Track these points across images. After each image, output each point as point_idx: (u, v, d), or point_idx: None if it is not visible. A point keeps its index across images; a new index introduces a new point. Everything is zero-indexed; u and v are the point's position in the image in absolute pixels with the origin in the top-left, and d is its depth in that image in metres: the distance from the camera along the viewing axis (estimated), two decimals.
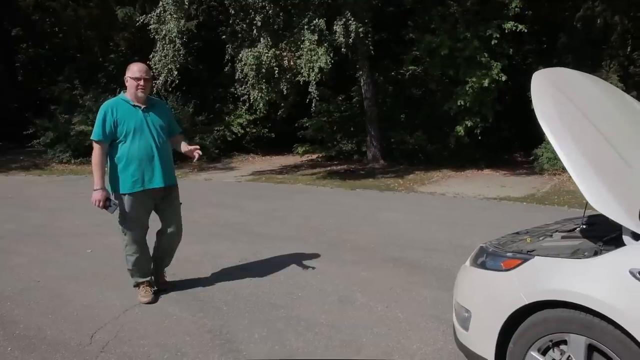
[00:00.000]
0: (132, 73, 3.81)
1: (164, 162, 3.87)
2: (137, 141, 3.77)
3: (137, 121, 3.79)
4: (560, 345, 2.20)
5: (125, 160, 3.74)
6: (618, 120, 2.59)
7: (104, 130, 3.71)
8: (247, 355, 3.07)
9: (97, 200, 3.71)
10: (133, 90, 3.82)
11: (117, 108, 3.77)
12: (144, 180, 3.78)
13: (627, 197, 2.10)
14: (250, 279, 4.50)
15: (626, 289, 1.95)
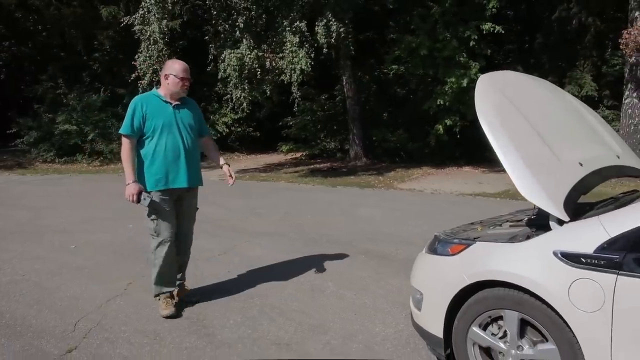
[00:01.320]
0: (176, 72, 3.64)
1: (191, 161, 3.71)
2: (165, 138, 3.62)
3: (167, 118, 3.64)
4: (498, 320, 2.46)
5: (152, 156, 3.61)
6: (555, 119, 2.86)
7: (132, 125, 3.57)
8: (221, 340, 3.28)
9: (131, 194, 3.52)
10: (175, 89, 3.66)
11: (148, 103, 3.63)
12: (167, 179, 3.62)
13: (554, 188, 2.36)
14: (228, 270, 4.72)
15: (550, 268, 2.21)
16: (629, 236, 2.03)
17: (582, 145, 2.78)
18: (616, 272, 2.02)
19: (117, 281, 4.43)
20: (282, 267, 4.80)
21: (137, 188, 3.54)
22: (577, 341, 2.13)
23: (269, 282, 4.37)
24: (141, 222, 4.27)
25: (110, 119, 16.72)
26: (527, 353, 2.34)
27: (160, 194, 3.61)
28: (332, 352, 3.08)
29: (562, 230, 2.29)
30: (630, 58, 10.84)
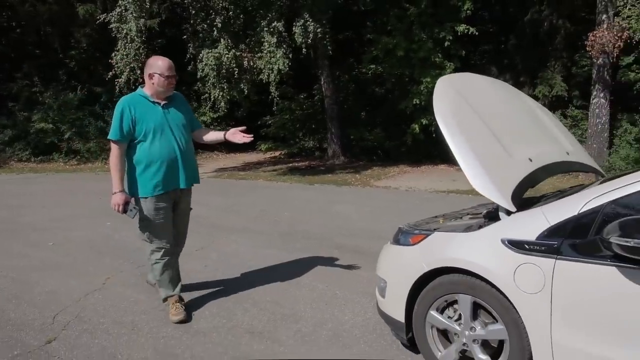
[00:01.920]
0: (160, 70, 3.44)
1: (187, 162, 3.59)
2: (158, 141, 3.45)
3: (157, 119, 3.46)
4: (453, 304, 2.66)
5: (146, 161, 3.43)
6: (509, 118, 3.07)
7: (121, 129, 3.38)
8: (196, 329, 3.43)
9: (117, 204, 3.39)
10: (161, 88, 3.47)
11: (136, 105, 3.43)
12: (164, 183, 3.48)
13: (503, 182, 2.56)
14: (205, 265, 4.86)
15: (498, 254, 2.41)
16: (566, 224, 2.24)
17: (533, 143, 2.99)
18: (555, 257, 2.22)
19: (95, 276, 4.53)
20: (257, 262, 4.95)
21: (123, 198, 3.39)
22: (522, 321, 2.34)
23: (244, 275, 4.53)
24: (119, 220, 4.38)
25: (87, 117, 16.61)
26: (479, 333, 2.54)
27: (156, 200, 3.47)
28: (302, 338, 3.25)
29: (509, 220, 2.50)
30: (597, 60, 11.23)
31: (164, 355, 3.06)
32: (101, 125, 16.29)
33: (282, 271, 4.62)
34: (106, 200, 3.66)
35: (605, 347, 2.11)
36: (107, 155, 15.88)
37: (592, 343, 2.14)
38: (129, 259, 5.05)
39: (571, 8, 13.52)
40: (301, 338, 3.27)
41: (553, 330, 2.24)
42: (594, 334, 2.14)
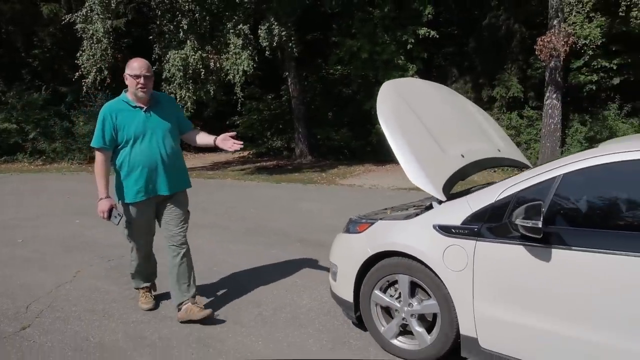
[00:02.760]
0: (131, 70, 3.39)
1: (171, 168, 3.51)
2: (139, 147, 3.41)
3: (139, 125, 3.40)
4: (394, 284, 3.00)
5: (127, 167, 3.42)
6: (447, 119, 3.43)
7: (103, 137, 3.38)
8: (164, 314, 3.68)
9: (102, 210, 3.38)
10: (133, 89, 3.41)
11: (117, 111, 3.39)
12: (147, 189, 3.45)
13: (436, 175, 2.92)
14: None
15: (430, 238, 2.77)
16: (485, 211, 2.61)
17: (466, 141, 3.37)
18: (475, 239, 2.59)
19: (65, 270, 4.72)
20: (223, 255, 5.22)
21: (108, 205, 3.38)
22: (450, 295, 2.70)
23: (210, 267, 4.79)
24: (88, 218, 4.57)
25: (52, 117, 16.46)
26: (416, 309, 2.89)
27: (137, 205, 3.48)
28: (263, 320, 3.55)
29: (440, 208, 2.86)
30: (549, 62, 11.86)
31: (134, 338, 3.31)
32: (67, 126, 16.18)
33: (246, 263, 4.90)
34: (74, 199, 3.88)
35: (518, 314, 2.47)
36: (73, 156, 15.85)
37: (507, 311, 2.51)
38: (99, 254, 5.25)
39: (526, 13, 14.17)
40: (262, 320, 3.56)
41: (475, 303, 2.60)
42: (508, 304, 2.50)
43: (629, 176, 2.27)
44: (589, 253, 2.24)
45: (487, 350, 2.60)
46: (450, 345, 2.76)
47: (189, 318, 3.47)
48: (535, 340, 2.42)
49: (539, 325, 2.39)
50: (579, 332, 2.27)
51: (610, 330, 2.19)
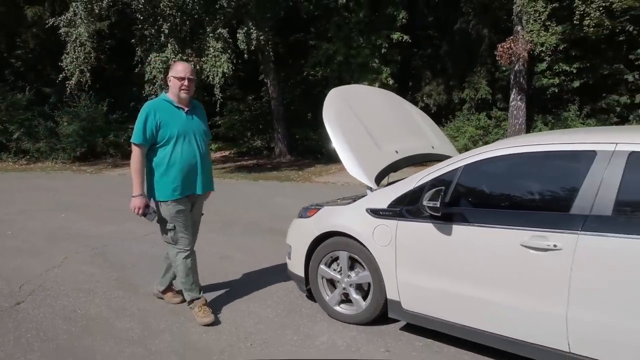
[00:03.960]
0: (175, 72, 3.53)
1: (206, 168, 3.66)
2: (181, 146, 3.49)
3: (181, 125, 3.51)
4: (336, 259, 3.56)
5: (167, 165, 3.48)
6: (385, 120, 4.00)
7: (144, 133, 3.42)
8: (143, 292, 4.20)
9: (137, 207, 3.45)
10: (176, 91, 3.53)
11: (160, 110, 3.48)
12: (184, 187, 3.53)
13: (371, 167, 3.49)
14: (152, 246, 5.60)
15: (363, 220, 3.33)
16: (405, 196, 3.17)
17: (402, 139, 3.94)
18: (397, 219, 3.15)
19: (53, 257, 5.21)
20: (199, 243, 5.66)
21: (143, 201, 3.46)
22: (379, 267, 3.26)
23: None
24: (73, 212, 5.06)
25: (36, 118, 16.78)
26: (353, 280, 3.46)
27: (176, 203, 3.53)
28: (228, 295, 4.09)
29: (372, 194, 3.43)
30: (513, 66, 12.56)
31: (116, 309, 3.83)
32: (51, 126, 16.51)
33: (219, 249, 5.44)
34: (59, 196, 4.35)
35: (430, 279, 3.03)
36: (57, 155, 16.19)
37: (422, 278, 3.07)
38: (84, 243, 5.74)
39: (494, 19, 14.89)
40: (227, 294, 4.11)
41: (397, 272, 3.17)
42: (423, 272, 3.07)
43: (506, 167, 2.87)
44: (480, 227, 2.82)
45: (408, 311, 3.18)
46: (380, 308, 3.33)
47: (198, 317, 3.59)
48: (443, 300, 2.99)
49: (446, 288, 2.96)
50: (475, 291, 2.84)
51: (495, 288, 2.76)
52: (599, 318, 2.43)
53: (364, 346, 3.19)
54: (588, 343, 2.49)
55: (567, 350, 2.55)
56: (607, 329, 2.41)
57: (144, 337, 3.38)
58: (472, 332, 2.90)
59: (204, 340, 3.33)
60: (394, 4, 14.36)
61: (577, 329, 2.50)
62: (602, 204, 2.47)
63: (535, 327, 2.64)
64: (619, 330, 2.38)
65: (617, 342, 2.40)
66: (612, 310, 2.39)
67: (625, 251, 2.36)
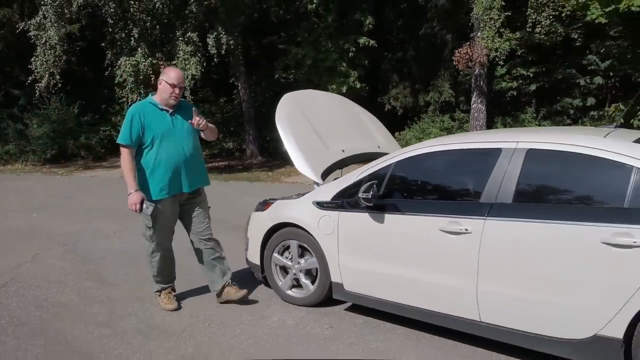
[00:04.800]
0: (168, 78, 3.66)
1: (192, 166, 3.77)
2: (165, 147, 3.64)
3: (165, 126, 3.66)
4: (288, 248, 3.94)
5: (152, 166, 3.63)
6: (334, 122, 4.39)
7: (130, 135, 3.59)
8: (112, 282, 4.51)
9: (134, 203, 3.58)
10: (165, 95, 3.67)
11: (145, 112, 3.65)
12: (170, 186, 3.67)
13: (317, 165, 3.89)
14: (122, 242, 5.91)
15: (310, 211, 3.72)
16: (346, 189, 3.57)
17: (349, 139, 4.34)
18: (339, 210, 3.55)
19: (25, 253, 5.46)
20: None
21: (139, 197, 3.58)
22: (324, 253, 3.65)
23: None
24: (44, 213, 5.31)
25: (5, 120, 16.72)
26: (303, 266, 3.84)
27: (161, 203, 3.68)
28: (190, 283, 4.43)
29: (318, 189, 3.83)
30: (474, 71, 13.14)
31: (86, 298, 4.15)
32: (20, 128, 16.48)
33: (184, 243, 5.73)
34: (30, 197, 4.62)
35: (367, 263, 3.43)
36: (27, 157, 16.17)
37: (360, 261, 3.47)
38: (55, 240, 6.00)
39: (457, 25, 15.48)
40: (189, 282, 4.44)
41: (340, 257, 3.56)
42: (361, 256, 3.47)
43: (430, 163, 3.30)
44: (407, 215, 3.24)
45: (350, 292, 3.58)
46: (326, 291, 3.72)
47: (228, 299, 3.89)
48: (379, 281, 3.40)
49: (380, 270, 3.37)
50: (404, 272, 3.25)
51: (420, 269, 3.18)
52: (503, 290, 2.87)
53: (311, 324, 3.58)
54: (494, 313, 2.92)
55: (479, 319, 2.98)
56: (509, 300, 2.85)
57: (112, 320, 3.71)
58: (404, 308, 3.32)
59: (166, 322, 3.67)
60: (361, 10, 14.81)
61: (485, 301, 2.93)
62: (504, 193, 2.91)
63: (452, 301, 3.07)
64: (519, 300, 2.81)
65: (518, 310, 2.83)
66: (513, 283, 2.83)
67: (521, 233, 2.80)
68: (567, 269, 2.66)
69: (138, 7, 11.24)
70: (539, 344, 2.80)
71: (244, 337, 3.40)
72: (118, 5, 11.38)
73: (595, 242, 2.55)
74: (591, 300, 2.60)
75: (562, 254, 2.67)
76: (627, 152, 2.64)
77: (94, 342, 3.35)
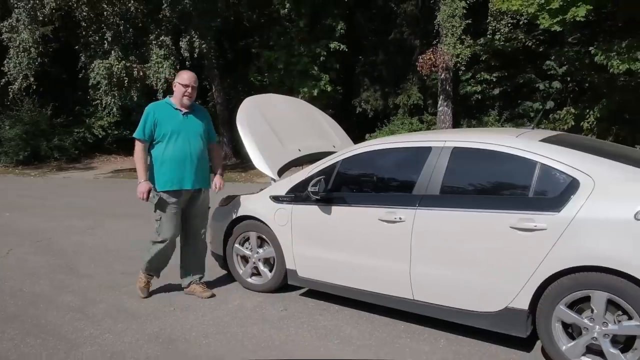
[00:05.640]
0: (182, 80, 3.97)
1: (197, 165, 4.00)
2: (174, 143, 3.91)
3: (176, 124, 3.94)
4: (248, 239, 4.29)
5: (161, 160, 3.91)
6: (291, 123, 4.74)
7: (144, 130, 3.91)
8: (82, 273, 4.79)
9: (142, 192, 3.86)
10: (179, 96, 3.97)
11: (159, 110, 3.96)
12: (175, 181, 3.92)
13: (274, 163, 4.25)
14: (94, 238, 6.18)
15: (267, 205, 4.08)
16: (299, 185, 3.94)
17: (306, 139, 4.71)
18: (292, 204, 3.92)
19: None
20: (135, 232, 6.33)
21: (147, 187, 3.87)
22: (280, 243, 4.01)
23: (121, 241, 5.95)
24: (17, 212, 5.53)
25: None
26: (261, 255, 4.20)
27: (168, 195, 3.93)
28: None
29: (274, 184, 4.19)
30: (440, 75, 13.68)
31: (59, 288, 4.43)
32: None
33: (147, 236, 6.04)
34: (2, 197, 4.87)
35: (318, 250, 3.80)
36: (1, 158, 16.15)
37: (311, 249, 3.84)
38: (29, 237, 6.23)
39: (425, 31, 16.04)
40: None
41: (293, 246, 3.93)
42: (312, 244, 3.84)
43: (371, 160, 3.69)
44: (351, 207, 3.62)
45: (303, 277, 3.94)
46: (282, 277, 4.08)
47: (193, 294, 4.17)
48: (328, 266, 3.77)
49: (329, 256, 3.74)
50: (349, 257, 3.63)
51: (362, 254, 3.56)
52: (432, 271, 3.27)
53: (267, 307, 3.93)
54: (425, 291, 3.32)
55: (412, 298, 3.38)
56: (437, 280, 3.25)
57: (83, 306, 4.01)
58: (350, 290, 3.70)
59: (134, 307, 3.99)
60: (333, 16, 15.25)
61: (417, 281, 3.33)
62: (433, 186, 3.31)
63: (390, 282, 3.46)
64: (445, 279, 3.22)
65: (444, 289, 3.24)
66: (440, 265, 3.23)
67: (446, 220, 3.21)
68: (483, 251, 3.07)
69: (112, 11, 11.45)
70: (462, 317, 3.21)
71: (205, 318, 3.74)
72: (91, 8, 11.56)
73: (504, 226, 2.97)
74: (502, 278, 3.01)
75: (479, 238, 3.08)
76: (532, 149, 3.07)
77: (66, 325, 3.65)
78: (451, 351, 3.17)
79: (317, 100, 14.95)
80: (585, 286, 2.77)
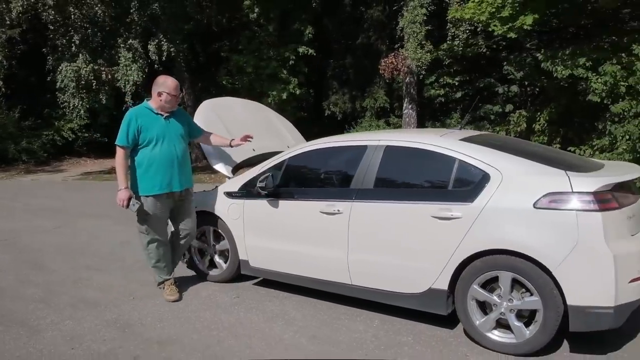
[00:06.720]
0: (169, 90, 4.03)
1: (182, 167, 4.15)
2: (159, 147, 4.00)
3: (160, 128, 4.03)
4: (205, 234, 4.58)
5: (147, 164, 3.99)
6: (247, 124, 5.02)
7: (127, 136, 3.94)
8: (49, 269, 5.02)
9: (122, 199, 3.90)
10: (162, 103, 4.05)
11: (141, 116, 4.01)
12: (162, 184, 4.01)
13: (228, 162, 4.57)
14: (61, 236, 6.37)
15: (222, 200, 4.38)
16: (250, 181, 4.25)
17: (261, 140, 5.00)
18: (244, 199, 4.24)
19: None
20: (103, 233, 6.56)
21: (127, 194, 3.92)
22: (233, 235, 4.32)
23: (91, 239, 6.15)
24: None
25: None
26: (218, 248, 4.51)
27: (155, 198, 4.03)
28: (121, 268, 4.99)
29: (229, 181, 4.51)
30: (405, 78, 14.15)
31: (24, 281, 4.66)
32: None
33: (120, 237, 6.28)
34: None
35: (267, 241, 4.12)
36: None
37: (261, 241, 4.16)
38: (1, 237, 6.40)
39: (390, 35, 16.53)
40: (122, 269, 5.00)
41: (245, 238, 4.24)
42: (262, 236, 4.16)
43: (314, 158, 4.04)
44: (296, 201, 3.96)
45: (255, 267, 4.26)
46: (236, 268, 4.39)
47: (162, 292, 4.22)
48: (276, 256, 4.10)
49: (277, 247, 4.06)
50: (295, 247, 3.96)
51: (306, 244, 3.90)
52: (366, 258, 3.62)
53: (221, 295, 4.24)
54: (361, 276, 3.68)
55: (350, 283, 3.73)
56: (371, 265, 3.61)
57: (46, 298, 4.25)
58: (296, 277, 4.03)
59: (96, 297, 4.25)
60: (301, 20, 15.61)
61: (354, 268, 3.68)
62: (368, 180, 3.67)
63: (331, 269, 3.81)
64: (378, 265, 3.57)
65: (377, 273, 3.59)
66: (373, 251, 3.59)
67: (378, 211, 3.57)
68: (410, 238, 3.44)
69: (79, 14, 11.57)
70: (393, 299, 3.57)
71: (162, 306, 4.03)
72: (57, 12, 11.66)
73: (427, 216, 3.35)
74: (426, 262, 3.38)
75: (406, 227, 3.45)
76: (452, 147, 3.45)
77: (30, 314, 3.90)
78: (383, 329, 3.53)
79: (287, 103, 15.35)
80: (494, 267, 3.17)
